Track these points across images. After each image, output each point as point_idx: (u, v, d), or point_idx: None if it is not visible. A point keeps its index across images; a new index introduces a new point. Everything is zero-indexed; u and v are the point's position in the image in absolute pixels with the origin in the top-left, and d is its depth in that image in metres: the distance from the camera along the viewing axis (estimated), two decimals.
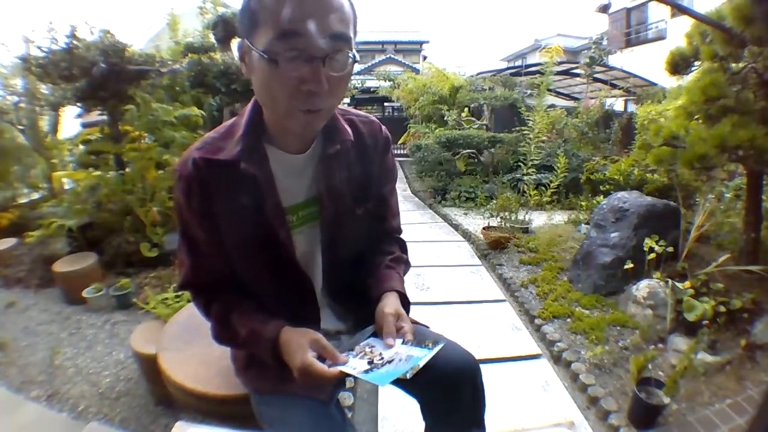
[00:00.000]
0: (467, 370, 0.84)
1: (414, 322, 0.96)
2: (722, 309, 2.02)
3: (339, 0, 0.63)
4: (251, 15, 0.62)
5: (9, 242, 3.33)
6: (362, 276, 0.93)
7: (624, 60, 12.34)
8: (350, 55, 0.65)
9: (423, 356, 0.69)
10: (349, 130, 0.81)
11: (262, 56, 0.61)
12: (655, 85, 7.77)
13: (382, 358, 0.71)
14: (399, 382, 0.92)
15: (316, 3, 0.60)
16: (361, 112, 0.90)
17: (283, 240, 0.77)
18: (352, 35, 0.65)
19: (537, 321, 2.40)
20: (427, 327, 0.98)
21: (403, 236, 1.01)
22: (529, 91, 8.47)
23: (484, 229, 3.87)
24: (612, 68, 8.95)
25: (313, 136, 0.78)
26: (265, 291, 0.83)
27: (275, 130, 0.74)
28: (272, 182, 0.74)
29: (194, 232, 0.78)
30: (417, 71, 13.15)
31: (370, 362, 0.71)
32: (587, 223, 3.59)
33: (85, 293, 2.57)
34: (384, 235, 0.97)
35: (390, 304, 0.81)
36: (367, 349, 0.75)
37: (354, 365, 0.70)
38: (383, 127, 0.89)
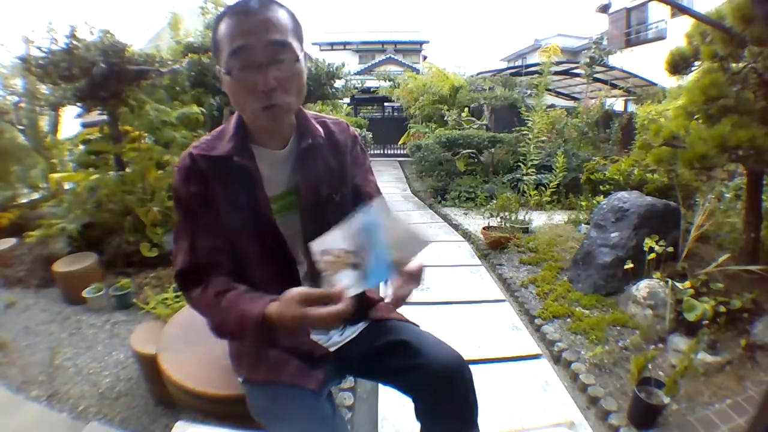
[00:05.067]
0: (455, 366, 0.87)
1: (403, 320, 1.00)
2: (722, 309, 2.02)
3: (275, 15, 0.76)
4: (215, 43, 0.79)
5: (9, 242, 3.33)
6: None
7: (624, 60, 12.32)
8: (292, 57, 0.77)
9: (370, 217, 0.68)
10: (320, 128, 0.93)
11: (225, 74, 0.77)
12: (655, 85, 7.77)
13: (354, 253, 0.69)
14: (393, 381, 0.94)
15: (254, 22, 0.74)
16: (332, 116, 1.02)
17: (270, 222, 0.85)
18: (291, 40, 0.77)
19: (537, 321, 2.40)
20: (417, 326, 1.00)
21: None
22: (529, 91, 8.46)
23: (484, 229, 3.87)
24: (612, 68, 8.94)
25: (287, 133, 0.89)
26: (253, 273, 0.87)
27: (255, 131, 0.86)
28: (258, 174, 0.85)
29: (194, 214, 0.85)
30: (417, 71, 13.14)
31: (354, 266, 0.69)
32: (587, 223, 3.59)
33: (85, 293, 2.57)
34: None
35: None
36: (328, 258, 0.71)
37: (346, 283, 0.68)
38: (351, 127, 1.03)
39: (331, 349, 0.94)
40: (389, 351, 0.92)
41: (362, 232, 0.69)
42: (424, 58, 21.41)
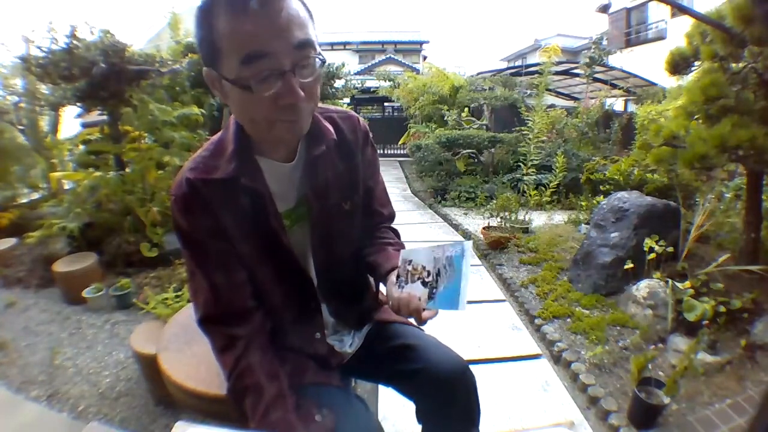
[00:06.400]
0: (458, 371, 0.85)
1: (407, 323, 0.98)
2: (722, 309, 2.02)
3: (293, 7, 0.61)
4: (211, 44, 0.61)
5: (9, 242, 3.33)
6: (360, 267, 0.93)
7: (624, 60, 12.32)
8: (317, 57, 0.64)
9: (459, 252, 0.73)
10: (331, 128, 0.81)
11: (233, 85, 0.61)
12: (655, 85, 7.77)
13: (429, 273, 0.75)
14: (395, 384, 0.93)
15: (272, 17, 0.58)
16: (339, 108, 0.89)
17: (284, 244, 0.78)
18: (313, 37, 0.64)
19: (537, 321, 2.40)
20: (421, 329, 0.97)
21: (395, 225, 1.01)
22: (529, 91, 8.47)
23: (484, 229, 3.87)
24: (612, 68, 8.94)
25: (298, 142, 0.78)
26: (270, 295, 0.83)
27: (260, 141, 0.74)
28: (269, 193, 0.75)
29: (204, 249, 0.76)
30: (417, 71, 13.15)
31: (424, 283, 0.75)
32: (587, 223, 3.59)
33: (85, 293, 2.57)
34: (377, 225, 0.98)
35: None
36: (409, 268, 0.78)
37: (414, 294, 0.75)
38: (361, 120, 0.90)
39: (346, 358, 0.94)
40: (392, 354, 0.91)
41: (446, 260, 0.74)
42: (424, 58, 21.43)
